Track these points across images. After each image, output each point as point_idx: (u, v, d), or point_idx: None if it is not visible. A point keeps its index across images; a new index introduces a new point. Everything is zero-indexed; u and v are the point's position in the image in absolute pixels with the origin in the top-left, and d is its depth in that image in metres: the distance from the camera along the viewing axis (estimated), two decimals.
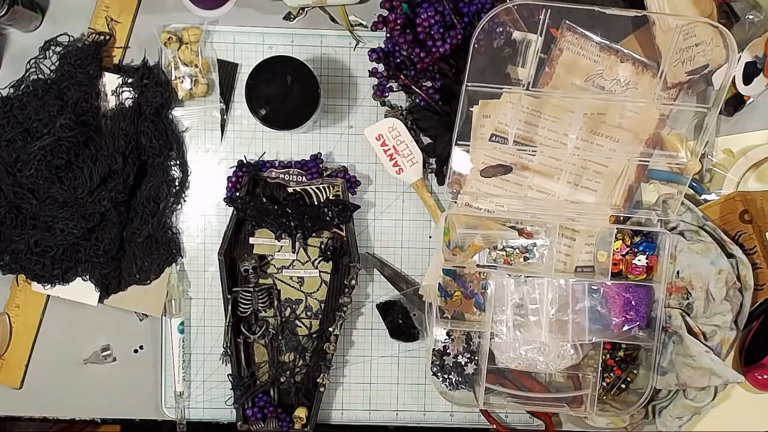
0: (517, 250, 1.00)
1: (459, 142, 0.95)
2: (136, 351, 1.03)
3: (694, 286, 0.96)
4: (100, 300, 1.00)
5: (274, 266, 1.02)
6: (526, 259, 1.00)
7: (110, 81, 0.97)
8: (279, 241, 1.01)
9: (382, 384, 1.04)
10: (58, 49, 0.98)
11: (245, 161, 1.01)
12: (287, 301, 1.02)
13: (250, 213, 0.97)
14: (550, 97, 0.97)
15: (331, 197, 0.98)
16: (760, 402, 1.04)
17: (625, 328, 0.98)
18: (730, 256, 0.97)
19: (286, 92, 0.92)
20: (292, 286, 1.02)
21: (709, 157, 1.01)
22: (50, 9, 1.00)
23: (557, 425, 1.04)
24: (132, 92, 0.97)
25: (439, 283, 0.99)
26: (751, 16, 0.95)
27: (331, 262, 1.01)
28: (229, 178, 1.01)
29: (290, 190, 0.99)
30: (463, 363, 1.01)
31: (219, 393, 1.03)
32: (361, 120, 1.02)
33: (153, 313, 1.01)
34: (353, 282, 0.99)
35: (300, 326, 1.03)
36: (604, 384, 1.02)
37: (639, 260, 0.99)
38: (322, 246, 1.00)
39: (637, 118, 0.98)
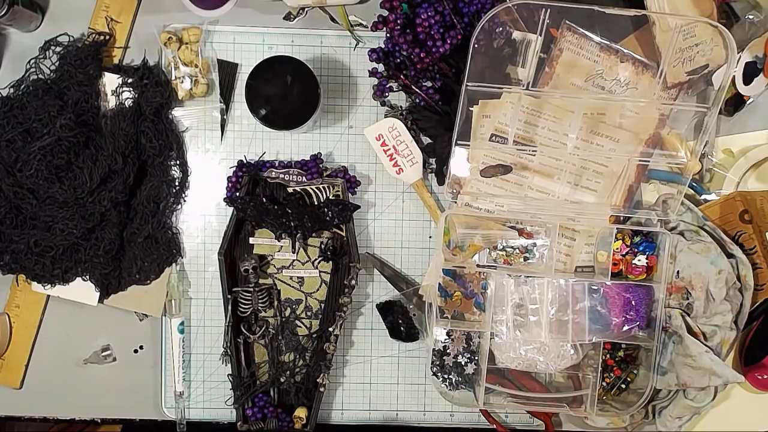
0: (517, 250, 1.00)
1: (459, 142, 0.95)
2: (136, 351, 1.03)
3: (694, 286, 0.96)
4: (100, 300, 1.00)
5: (274, 266, 1.02)
6: (526, 259, 1.00)
7: (110, 81, 0.97)
8: (279, 241, 1.01)
9: (382, 384, 1.04)
10: (58, 49, 0.98)
11: (245, 161, 1.01)
12: (287, 301, 1.02)
13: (250, 213, 0.97)
14: (550, 97, 0.97)
15: (331, 197, 0.98)
16: (760, 402, 1.04)
17: (625, 328, 0.98)
18: (730, 256, 0.97)
19: (286, 92, 0.92)
20: (292, 286, 1.02)
21: (709, 157, 1.01)
22: (50, 9, 1.00)
23: (557, 425, 1.04)
24: (132, 92, 0.97)
25: (439, 283, 0.99)
26: (751, 16, 0.95)
27: (331, 262, 1.01)
28: (229, 178, 1.01)
29: (290, 190, 0.99)
30: (463, 363, 1.01)
31: (219, 393, 1.03)
32: (361, 120, 1.02)
33: (153, 313, 1.01)
34: (353, 282, 0.99)
35: (300, 326, 1.03)
36: (604, 384, 1.02)
37: (639, 260, 0.99)
38: (322, 246, 1.00)
39: (637, 118, 0.98)
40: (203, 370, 1.03)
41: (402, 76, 0.99)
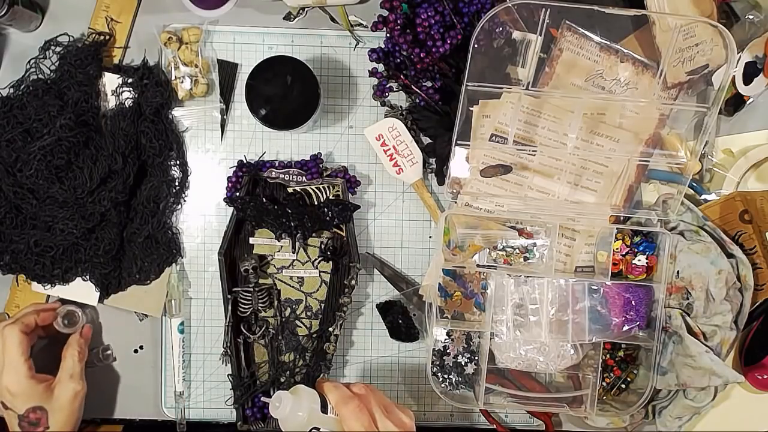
0: (517, 250, 1.00)
1: (459, 142, 0.95)
2: (136, 351, 1.03)
3: (694, 286, 0.96)
4: (100, 300, 1.00)
5: (274, 266, 1.02)
6: (526, 259, 1.01)
7: (110, 81, 0.97)
8: (279, 241, 1.01)
9: (382, 384, 1.04)
10: (58, 49, 0.98)
11: (245, 161, 1.01)
12: (287, 301, 1.02)
13: (250, 213, 0.97)
14: (550, 97, 0.97)
15: (331, 197, 0.98)
16: (760, 402, 1.04)
17: (625, 328, 0.98)
18: (730, 256, 0.97)
19: (286, 92, 0.92)
20: (292, 286, 1.03)
21: (709, 157, 1.01)
22: (50, 9, 1.00)
23: (557, 425, 1.04)
24: (132, 92, 0.97)
25: (439, 283, 0.99)
26: (751, 16, 0.95)
27: (331, 262, 1.01)
28: (229, 178, 1.01)
29: (290, 190, 0.99)
30: (463, 363, 1.01)
31: (219, 393, 1.03)
32: (361, 120, 1.02)
33: (153, 313, 1.01)
34: (353, 282, 0.99)
35: (300, 326, 1.03)
36: (604, 384, 1.02)
37: (639, 260, 0.99)
38: (322, 246, 1.00)
39: (637, 118, 0.98)
40: (203, 370, 1.03)
41: (402, 76, 0.99)
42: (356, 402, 0.78)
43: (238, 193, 0.98)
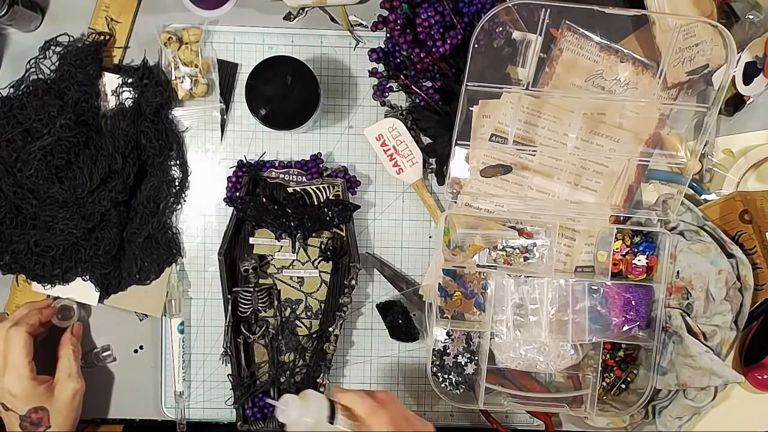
0: (517, 250, 1.00)
1: (459, 142, 0.95)
2: (136, 351, 1.03)
3: (694, 286, 0.96)
4: (100, 300, 1.00)
5: (274, 266, 1.02)
6: (526, 259, 1.01)
7: (110, 81, 0.97)
8: (279, 241, 1.01)
9: (382, 384, 1.04)
10: (58, 49, 0.98)
11: (245, 161, 1.01)
12: (287, 301, 1.02)
13: (250, 213, 0.97)
14: (549, 97, 0.97)
15: (331, 197, 0.98)
16: (760, 402, 1.04)
17: (625, 328, 0.98)
18: (730, 256, 0.97)
19: (286, 92, 0.92)
20: (292, 286, 1.03)
21: (709, 157, 1.01)
22: (50, 9, 1.00)
23: (557, 425, 1.04)
24: (132, 92, 0.97)
25: (439, 283, 0.99)
26: (751, 16, 0.95)
27: (331, 262, 1.01)
28: (229, 178, 1.01)
29: (290, 190, 0.99)
30: (463, 363, 1.01)
31: (219, 393, 1.03)
32: (361, 120, 1.02)
33: (153, 313, 1.01)
34: (353, 282, 0.99)
35: (300, 326, 1.03)
36: (604, 384, 1.02)
37: (639, 260, 0.99)
38: (322, 246, 1.00)
39: (637, 118, 0.98)
40: (203, 370, 1.03)
41: (402, 76, 0.99)
42: (388, 414, 0.76)
43: (238, 193, 0.98)
